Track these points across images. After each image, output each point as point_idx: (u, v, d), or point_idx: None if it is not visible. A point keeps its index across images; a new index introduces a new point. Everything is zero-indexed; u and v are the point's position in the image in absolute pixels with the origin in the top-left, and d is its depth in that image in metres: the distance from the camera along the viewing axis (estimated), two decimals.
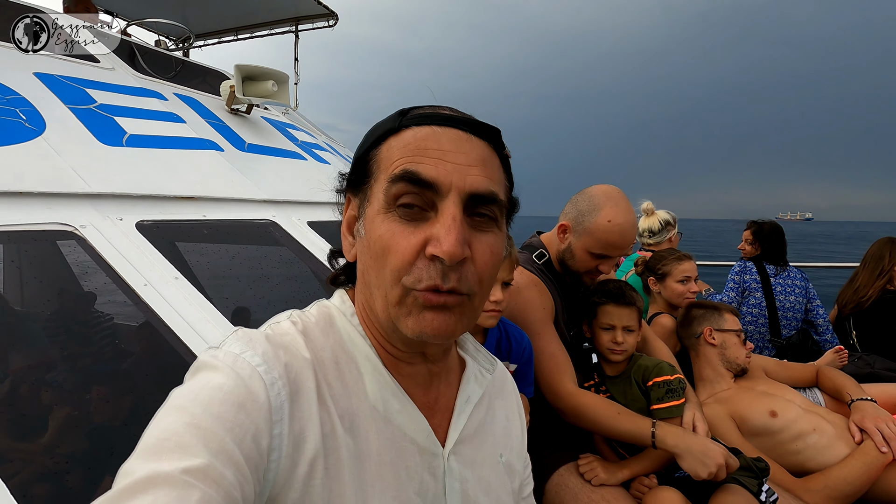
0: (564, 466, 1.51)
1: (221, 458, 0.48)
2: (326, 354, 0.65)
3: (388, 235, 0.60)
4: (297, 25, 4.80)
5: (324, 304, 0.73)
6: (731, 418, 1.81)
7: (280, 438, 0.55)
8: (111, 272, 1.50)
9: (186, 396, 0.53)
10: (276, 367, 0.57)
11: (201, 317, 1.51)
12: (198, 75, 3.25)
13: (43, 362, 1.65)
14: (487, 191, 0.61)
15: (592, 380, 1.71)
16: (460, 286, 0.59)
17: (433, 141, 0.61)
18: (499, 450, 0.79)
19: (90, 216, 1.60)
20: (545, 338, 1.57)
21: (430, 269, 0.58)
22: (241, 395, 0.53)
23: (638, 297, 1.71)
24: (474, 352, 0.82)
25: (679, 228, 3.51)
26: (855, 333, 3.11)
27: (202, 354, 0.59)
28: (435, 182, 0.59)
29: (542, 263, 1.76)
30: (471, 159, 0.61)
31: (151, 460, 0.46)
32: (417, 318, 0.60)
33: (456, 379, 0.77)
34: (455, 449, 0.71)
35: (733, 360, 1.98)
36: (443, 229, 0.58)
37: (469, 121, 0.64)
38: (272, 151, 2.84)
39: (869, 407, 1.78)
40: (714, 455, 1.30)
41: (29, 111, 1.82)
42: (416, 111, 0.65)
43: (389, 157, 0.62)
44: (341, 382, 0.64)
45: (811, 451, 1.73)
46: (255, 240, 2.17)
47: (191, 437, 0.48)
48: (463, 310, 0.62)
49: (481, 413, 0.78)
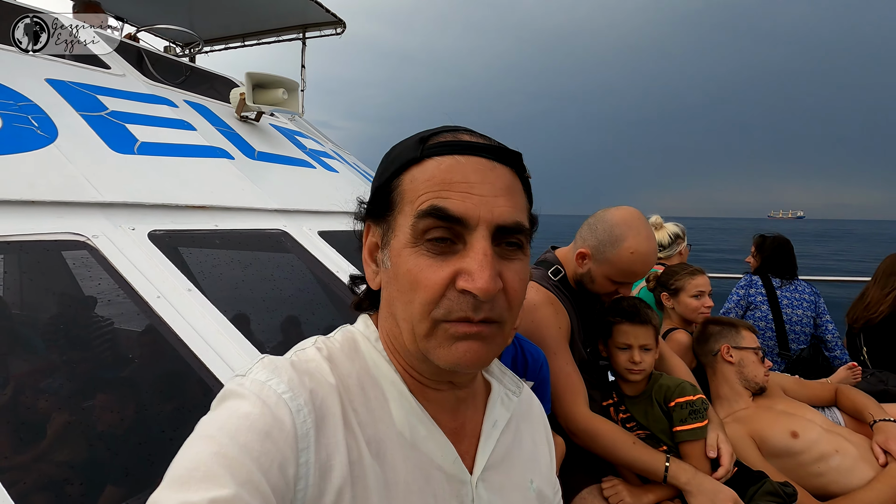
0: (587, 489, 1.48)
1: (248, 489, 0.48)
2: (352, 381, 0.64)
3: (416, 270, 0.59)
4: (304, 33, 4.80)
5: (348, 330, 0.73)
6: (751, 438, 1.78)
7: (307, 467, 0.54)
8: (124, 284, 1.47)
9: (213, 425, 0.53)
10: (301, 394, 0.57)
11: (215, 330, 1.48)
12: (206, 82, 3.24)
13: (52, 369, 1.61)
14: (513, 222, 0.61)
15: (611, 398, 1.67)
16: (493, 315, 0.59)
17: (458, 173, 0.60)
18: (528, 475, 0.77)
19: (102, 226, 1.57)
20: (561, 357, 1.55)
21: (461, 301, 0.58)
22: (268, 424, 0.53)
23: (654, 314, 1.68)
24: (500, 374, 0.81)
25: None
26: (866, 350, 3.07)
27: (229, 383, 0.59)
28: (463, 217, 0.59)
29: (557, 280, 1.73)
30: (496, 189, 0.61)
31: (180, 491, 0.47)
32: (449, 350, 0.59)
33: (482, 403, 0.76)
34: (483, 476, 0.69)
35: (752, 378, 1.95)
36: (475, 264, 0.57)
37: (491, 147, 0.64)
38: (281, 160, 2.82)
39: (892, 428, 1.75)
40: (724, 498, 1.33)
41: (41, 118, 1.79)
42: (437, 138, 0.65)
43: (414, 189, 0.62)
44: (367, 408, 0.63)
45: (834, 474, 1.69)
46: (267, 249, 2.15)
47: (218, 467, 0.48)
48: (495, 338, 0.61)
49: (509, 438, 0.76)
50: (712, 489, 1.36)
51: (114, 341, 1.91)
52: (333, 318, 2.17)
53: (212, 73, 3.40)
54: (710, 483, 1.38)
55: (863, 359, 3.13)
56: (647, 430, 1.56)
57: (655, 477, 1.41)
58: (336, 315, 2.13)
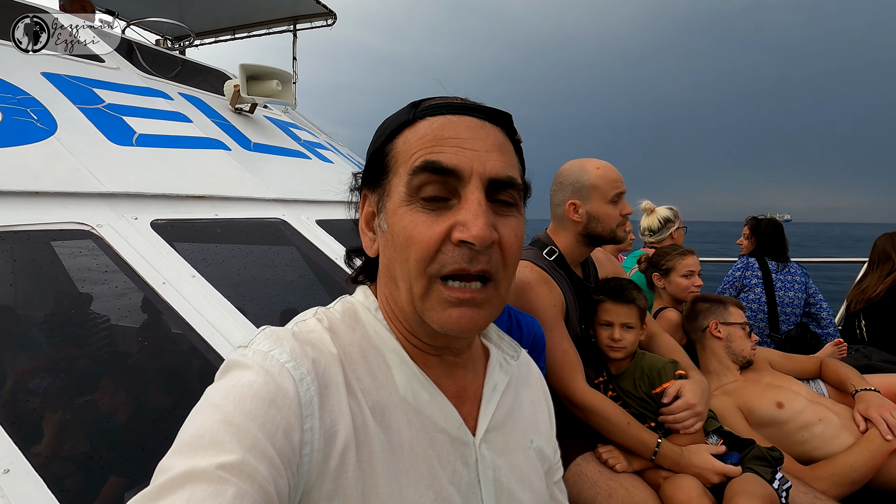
0: (581, 456, 1.54)
1: (255, 454, 0.49)
2: (354, 349, 0.66)
3: (411, 226, 0.60)
4: (295, 24, 4.78)
5: (347, 301, 0.74)
6: (739, 410, 1.85)
7: (311, 433, 0.55)
8: (130, 271, 1.50)
9: (219, 394, 0.54)
10: (304, 363, 0.58)
11: (219, 314, 1.52)
12: (199, 74, 3.25)
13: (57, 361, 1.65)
14: (506, 176, 0.62)
15: (602, 377, 1.73)
16: (489, 268, 0.60)
17: (450, 130, 0.62)
18: (528, 436, 0.79)
19: (106, 216, 1.61)
20: (557, 334, 1.59)
21: (456, 253, 0.59)
22: (272, 392, 0.54)
23: (640, 295, 1.72)
24: (497, 340, 0.83)
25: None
26: (864, 323, 3.12)
27: (232, 353, 0.60)
28: (456, 169, 0.60)
29: (553, 260, 1.78)
30: (488, 145, 0.62)
31: (187, 457, 0.48)
32: (443, 314, 0.61)
33: (482, 367, 0.78)
34: (486, 437, 0.71)
35: (739, 352, 2.02)
36: (469, 214, 0.58)
37: (482, 108, 0.65)
38: (277, 150, 2.85)
39: (873, 397, 1.82)
40: (710, 472, 1.41)
41: (40, 111, 1.82)
42: (429, 102, 0.66)
43: (407, 149, 0.63)
44: (370, 376, 0.65)
45: (817, 441, 1.77)
46: (266, 238, 2.18)
47: (224, 434, 0.49)
48: (489, 301, 0.62)
49: (509, 400, 0.78)
50: (700, 463, 1.42)
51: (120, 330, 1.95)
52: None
53: (204, 66, 3.41)
54: (698, 458, 1.43)
55: (860, 333, 3.18)
56: (632, 410, 1.61)
57: (645, 456, 1.48)
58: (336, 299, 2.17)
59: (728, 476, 1.39)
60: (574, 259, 1.78)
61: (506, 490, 0.71)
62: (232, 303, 1.60)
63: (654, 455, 1.45)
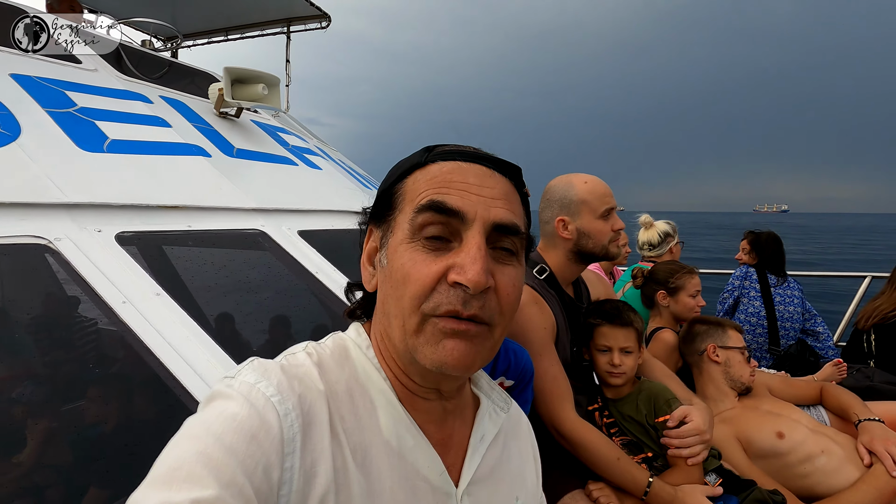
0: (570, 494, 1.45)
1: (231, 491, 0.48)
2: (341, 387, 0.64)
3: (409, 264, 0.61)
4: (288, 26, 4.72)
5: (340, 337, 0.73)
6: (737, 440, 1.76)
7: (291, 472, 0.54)
8: (87, 288, 1.40)
9: (200, 425, 0.53)
10: (290, 398, 0.57)
11: (183, 336, 1.42)
12: (186, 76, 3.15)
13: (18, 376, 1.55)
14: (511, 222, 0.63)
15: (596, 403, 1.64)
16: (482, 314, 0.60)
17: (459, 174, 0.64)
18: (514, 492, 0.77)
19: (66, 228, 1.51)
20: (546, 359, 1.51)
21: (451, 294, 0.59)
22: (254, 426, 0.53)
23: (637, 317, 1.64)
24: (488, 389, 0.81)
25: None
26: (874, 338, 3.03)
27: (217, 384, 0.59)
28: (461, 211, 0.61)
29: (543, 279, 1.69)
30: (495, 193, 0.63)
31: (162, 490, 0.46)
32: (436, 347, 0.59)
33: (470, 416, 0.76)
34: (469, 489, 0.69)
35: (738, 378, 1.93)
36: (468, 258, 0.59)
37: (493, 158, 0.67)
38: (262, 157, 2.75)
39: (877, 428, 1.73)
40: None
41: (2, 115, 1.72)
42: (442, 148, 0.68)
43: (415, 189, 0.64)
44: (354, 416, 0.63)
45: (820, 475, 1.68)
46: (243, 251, 2.09)
47: (201, 468, 0.48)
48: (483, 341, 0.61)
49: (496, 453, 0.76)
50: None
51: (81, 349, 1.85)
52: (312, 321, 2.12)
53: (193, 69, 3.31)
54: (692, 500, 1.36)
55: (867, 347, 3.08)
56: (628, 437, 1.53)
57: (636, 494, 1.39)
58: (316, 317, 2.08)
59: None
60: (566, 278, 1.70)
61: None
62: (199, 324, 1.50)
63: (645, 494, 1.36)
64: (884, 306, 2.98)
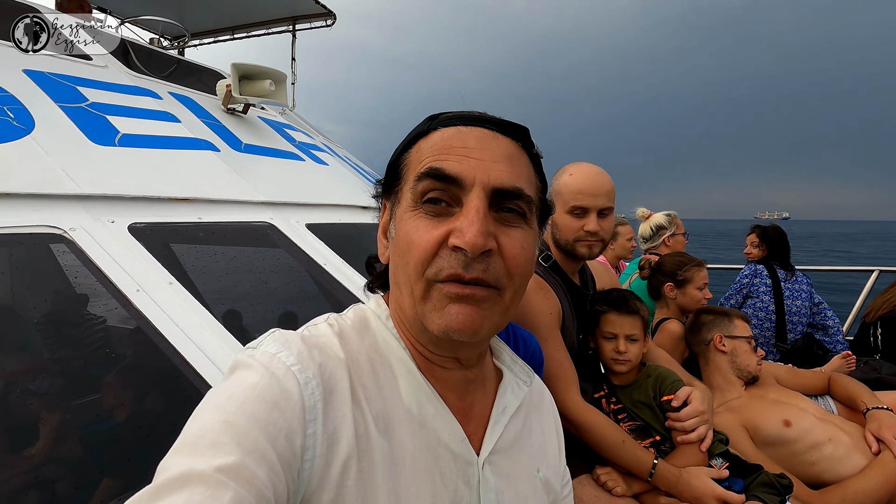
0: (577, 478, 1.46)
1: (254, 457, 0.49)
2: (362, 357, 0.65)
3: (413, 231, 0.61)
4: (294, 25, 4.73)
5: (360, 308, 0.74)
6: (744, 428, 1.76)
7: (314, 438, 0.55)
8: (102, 277, 1.43)
9: (222, 395, 0.54)
10: (310, 366, 0.58)
11: (196, 323, 1.45)
12: (193, 74, 3.18)
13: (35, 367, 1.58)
14: (512, 186, 0.61)
15: (602, 391, 1.65)
16: (486, 276, 0.59)
17: (458, 139, 0.63)
18: (535, 464, 0.77)
19: (80, 218, 1.53)
20: (552, 344, 1.52)
21: (452, 258, 0.59)
22: (275, 394, 0.54)
23: (643, 306, 1.65)
24: (511, 363, 0.82)
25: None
26: (881, 332, 3.03)
27: (239, 354, 0.60)
28: (458, 177, 0.60)
29: (548, 266, 1.70)
30: (496, 156, 0.62)
31: (187, 457, 0.48)
32: (442, 313, 0.60)
33: (492, 388, 0.77)
34: (490, 459, 0.69)
35: (744, 367, 1.93)
36: (466, 221, 0.59)
37: (495, 120, 0.66)
38: (269, 152, 2.77)
39: (885, 416, 1.73)
40: (709, 497, 1.34)
41: (17, 109, 1.75)
42: (446, 115, 0.68)
43: (418, 157, 0.65)
44: (376, 384, 0.64)
45: (827, 462, 1.68)
46: (252, 243, 2.11)
47: (225, 436, 0.49)
48: (492, 305, 0.61)
49: (517, 425, 0.77)
50: (699, 487, 1.36)
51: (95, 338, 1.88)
52: (320, 310, 2.14)
53: (200, 66, 3.34)
54: (697, 481, 1.38)
55: (873, 342, 3.09)
56: (637, 421, 1.54)
57: (641, 475, 1.41)
58: (324, 307, 2.09)
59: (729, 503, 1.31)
60: (568, 268, 1.70)
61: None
62: (211, 311, 1.52)
63: (651, 476, 1.37)
64: (894, 299, 2.98)
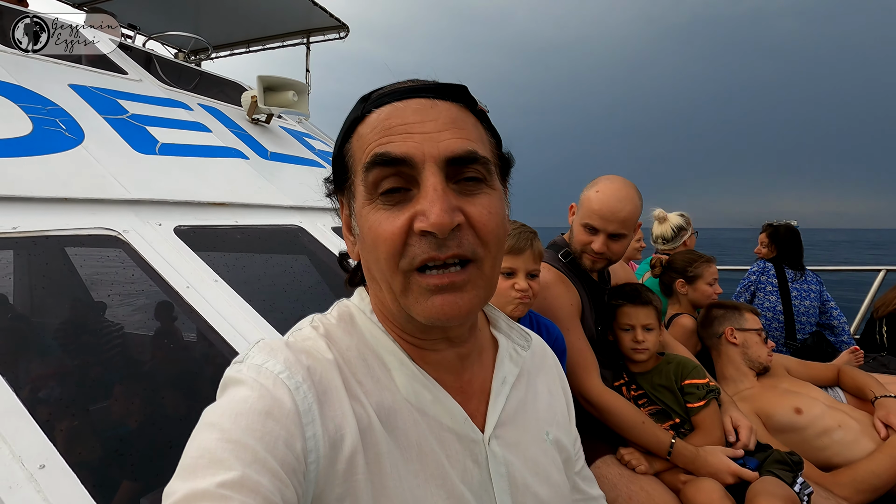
0: (601, 458, 1.54)
1: (255, 468, 0.49)
2: (352, 353, 0.65)
3: (375, 224, 0.58)
4: (308, 38, 4.87)
5: (344, 304, 0.72)
6: (757, 416, 1.84)
7: (315, 440, 0.55)
8: (155, 276, 1.54)
9: (216, 414, 0.54)
10: (298, 371, 0.58)
11: (241, 317, 1.55)
12: (217, 86, 3.32)
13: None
14: (464, 151, 0.58)
15: (622, 378, 1.74)
16: (462, 251, 0.57)
17: (397, 117, 0.58)
18: (544, 427, 0.76)
19: (132, 221, 1.65)
20: (573, 333, 1.61)
21: (423, 243, 0.56)
22: (267, 404, 0.54)
23: (655, 296, 1.75)
24: (507, 329, 0.79)
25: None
26: (886, 329, 3.08)
27: (228, 370, 0.59)
28: (406, 156, 0.56)
29: (567, 262, 1.80)
30: (440, 125, 0.58)
31: (189, 479, 0.48)
32: (426, 305, 0.58)
33: (490, 359, 0.75)
34: (496, 433, 0.69)
35: (756, 358, 2.01)
36: (426, 202, 0.55)
37: (430, 87, 0.61)
38: (293, 160, 2.90)
39: (893, 404, 1.81)
40: (725, 473, 1.42)
41: (67, 121, 1.88)
42: (377, 92, 0.63)
43: (361, 146, 0.60)
44: (371, 378, 0.64)
45: (837, 447, 1.75)
46: (285, 244, 2.22)
47: (223, 452, 0.49)
48: (475, 281, 0.59)
49: (521, 392, 0.75)
50: (716, 464, 1.44)
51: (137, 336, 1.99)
52: None
53: (221, 78, 3.49)
54: (713, 458, 1.45)
55: (879, 339, 3.14)
56: (657, 405, 1.63)
57: (660, 454, 1.49)
58: None
59: (744, 479, 1.39)
60: (585, 264, 1.80)
61: (521, 486, 0.69)
62: (253, 306, 1.63)
63: (669, 454, 1.45)
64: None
